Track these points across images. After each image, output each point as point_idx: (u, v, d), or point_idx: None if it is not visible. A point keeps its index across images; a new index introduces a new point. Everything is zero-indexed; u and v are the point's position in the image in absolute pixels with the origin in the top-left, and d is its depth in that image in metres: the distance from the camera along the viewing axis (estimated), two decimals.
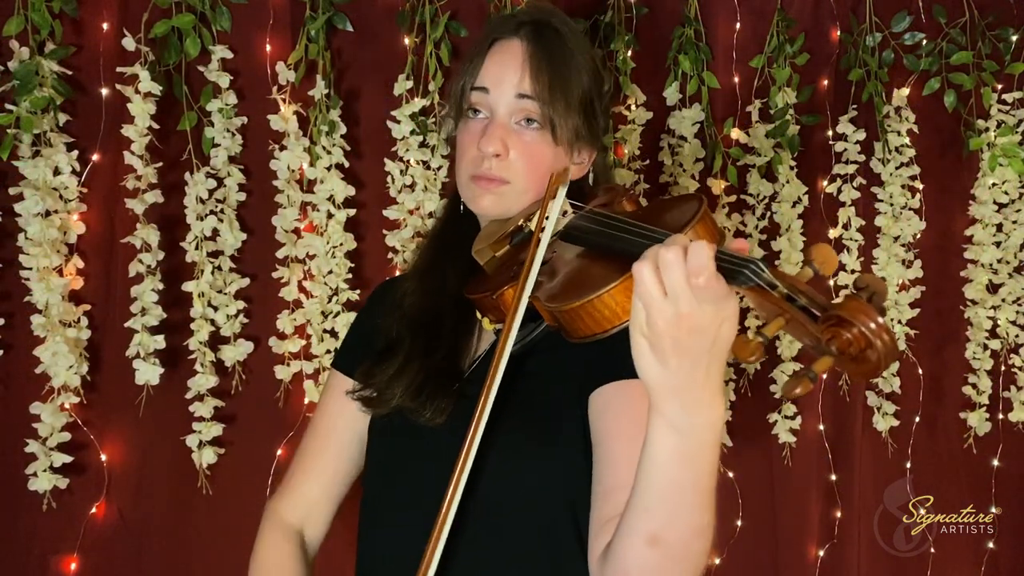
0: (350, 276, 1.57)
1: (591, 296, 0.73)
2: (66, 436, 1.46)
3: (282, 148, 1.54)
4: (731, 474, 1.78)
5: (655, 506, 0.72)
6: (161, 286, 1.50)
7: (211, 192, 1.52)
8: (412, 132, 1.56)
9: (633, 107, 1.68)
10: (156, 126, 1.48)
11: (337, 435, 1.09)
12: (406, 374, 0.97)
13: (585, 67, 1.00)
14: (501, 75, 0.97)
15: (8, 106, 1.41)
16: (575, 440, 0.92)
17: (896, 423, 1.82)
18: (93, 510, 1.52)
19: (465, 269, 1.03)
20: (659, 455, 0.69)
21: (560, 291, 0.79)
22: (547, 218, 0.89)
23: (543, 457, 0.92)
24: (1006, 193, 1.81)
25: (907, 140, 1.77)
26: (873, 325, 0.56)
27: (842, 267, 1.79)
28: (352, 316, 1.54)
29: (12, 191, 1.41)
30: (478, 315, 0.96)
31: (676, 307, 0.62)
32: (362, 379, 1.03)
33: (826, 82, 1.77)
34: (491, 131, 0.96)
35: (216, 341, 1.54)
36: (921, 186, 1.79)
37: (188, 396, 1.52)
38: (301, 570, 1.07)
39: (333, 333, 1.58)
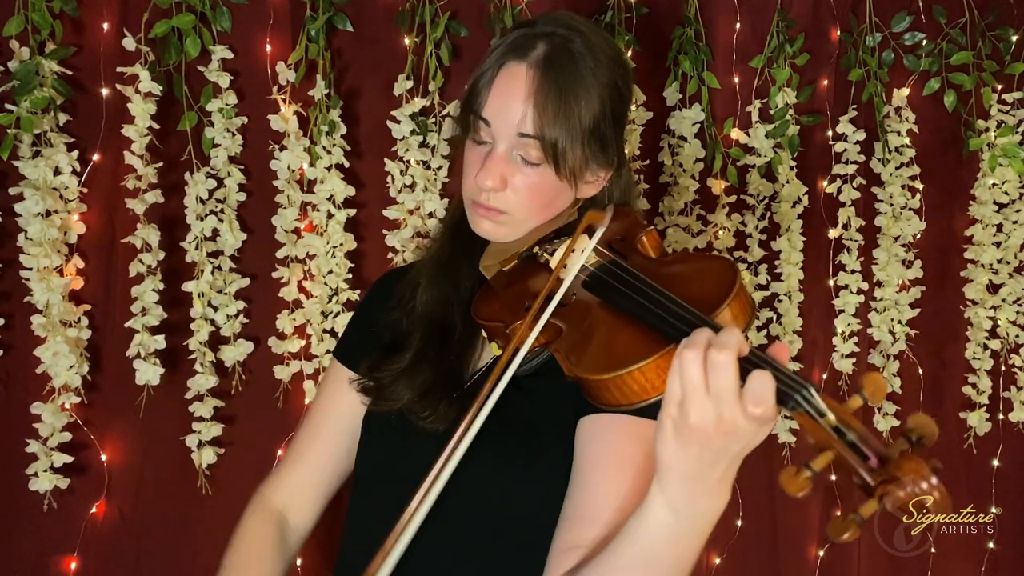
0: (350, 276, 1.57)
1: (622, 371, 0.72)
2: (67, 436, 1.46)
3: (282, 148, 1.54)
4: None
5: (632, 568, 0.73)
6: (161, 286, 1.50)
7: (211, 192, 1.52)
8: (412, 132, 1.56)
9: (633, 107, 1.68)
10: (156, 126, 1.48)
11: (330, 424, 1.07)
12: (416, 375, 0.96)
13: (599, 89, 0.92)
14: (504, 110, 0.91)
15: (8, 106, 1.41)
16: (560, 464, 0.91)
17: (896, 423, 1.82)
18: (93, 510, 1.52)
19: (478, 274, 1.02)
20: (650, 527, 0.70)
21: (587, 356, 0.77)
22: (567, 264, 0.87)
23: (528, 478, 0.91)
24: (1006, 193, 1.81)
25: (907, 140, 1.77)
26: (925, 485, 0.57)
27: (842, 267, 1.79)
28: (350, 316, 1.54)
29: (12, 191, 1.41)
30: (483, 333, 0.96)
31: (718, 409, 0.62)
32: (367, 372, 1.01)
33: (826, 82, 1.77)
34: (489, 165, 0.92)
35: (216, 341, 1.54)
36: (921, 186, 1.79)
37: (188, 396, 1.52)
38: (277, 555, 1.05)
39: (333, 333, 1.58)
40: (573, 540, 0.84)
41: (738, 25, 1.72)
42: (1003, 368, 1.86)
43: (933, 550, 1.87)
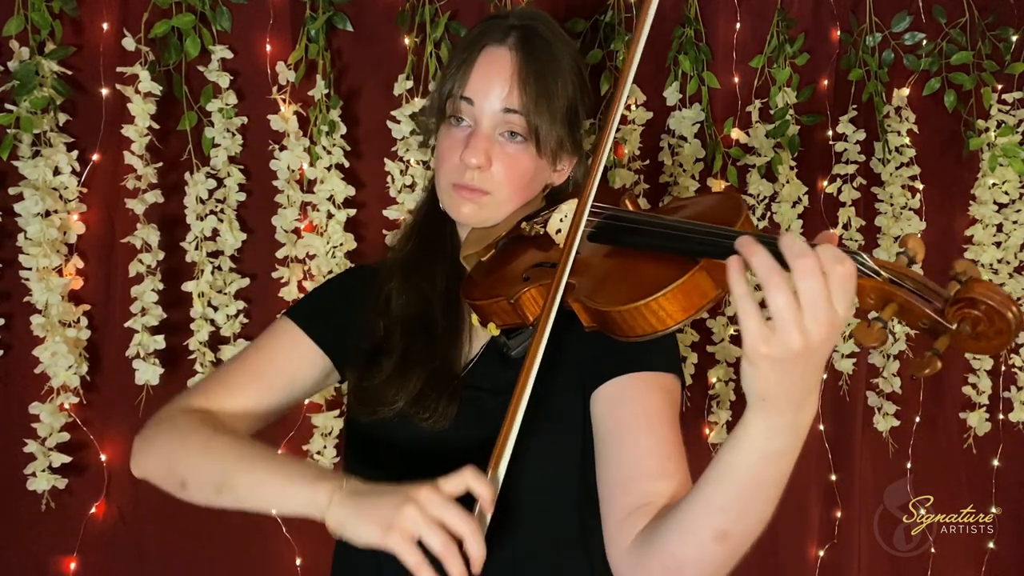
0: None
1: (653, 296, 0.72)
2: (65, 436, 1.47)
3: (282, 148, 1.54)
4: None
5: (732, 504, 0.71)
6: (161, 286, 1.50)
7: (211, 192, 1.52)
8: (412, 132, 1.56)
9: (633, 107, 1.68)
10: (156, 126, 1.48)
11: (273, 373, 1.02)
12: (407, 378, 0.95)
13: (571, 75, 0.99)
14: (488, 87, 0.95)
15: (8, 106, 1.41)
16: (576, 437, 0.92)
17: (896, 423, 1.82)
18: (93, 510, 1.52)
19: (451, 269, 1.03)
20: (749, 456, 0.69)
21: (614, 293, 0.78)
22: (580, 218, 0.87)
23: (549, 456, 0.92)
24: (1006, 193, 1.81)
25: (907, 140, 1.77)
26: (999, 297, 0.60)
27: None
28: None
29: (12, 191, 1.41)
30: (474, 319, 0.95)
31: (815, 318, 0.61)
32: (356, 382, 1.00)
33: (826, 82, 1.77)
34: (475, 143, 0.95)
35: (216, 341, 1.54)
36: (921, 186, 1.79)
37: None
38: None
39: None
40: (635, 501, 0.83)
41: (738, 25, 1.72)
42: (1003, 368, 1.86)
43: (933, 550, 1.87)
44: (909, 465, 1.86)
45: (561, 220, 0.93)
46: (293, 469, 0.83)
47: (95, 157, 1.49)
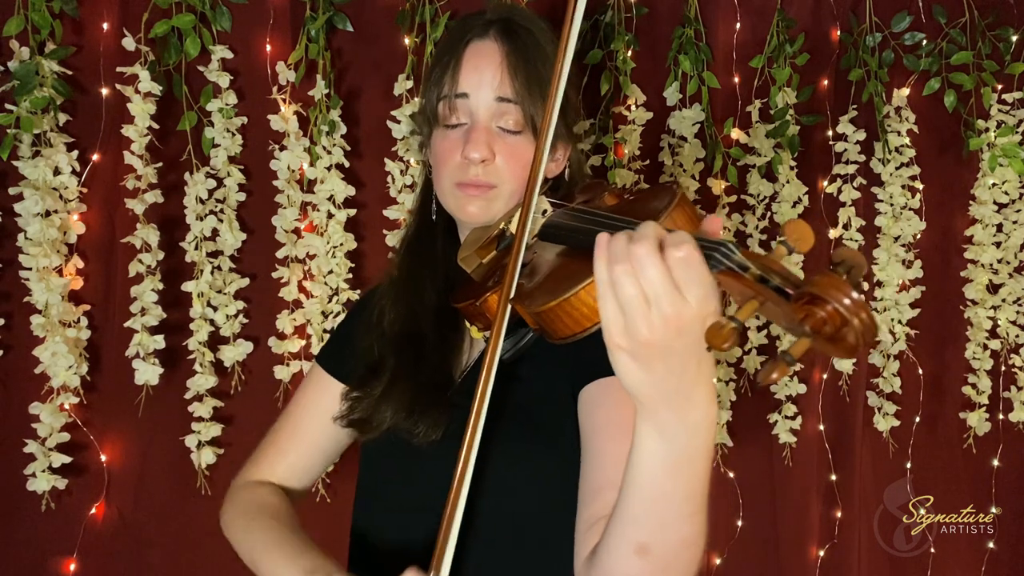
0: (350, 276, 1.57)
1: (566, 295, 0.69)
2: (65, 436, 1.46)
3: (282, 148, 1.54)
4: (731, 474, 1.78)
5: (643, 516, 0.68)
6: (161, 286, 1.50)
7: (211, 192, 1.52)
8: (412, 132, 1.56)
9: (633, 107, 1.68)
10: (156, 126, 1.48)
11: (310, 428, 1.09)
12: (394, 394, 0.95)
13: (553, 57, 0.97)
14: (479, 78, 0.95)
15: (8, 106, 1.41)
16: (571, 441, 0.90)
17: (896, 423, 1.82)
18: (92, 510, 1.52)
19: (443, 279, 1.02)
20: (647, 463, 0.65)
21: (537, 292, 0.75)
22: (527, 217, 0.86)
23: (543, 464, 0.91)
24: (1006, 193, 1.81)
25: (907, 140, 1.77)
26: (848, 301, 0.51)
27: None
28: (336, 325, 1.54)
29: (12, 191, 1.41)
30: (466, 324, 0.94)
31: (659, 309, 0.57)
32: (349, 403, 1.01)
33: (826, 82, 1.77)
34: (475, 137, 0.94)
35: (216, 341, 1.54)
36: (921, 186, 1.79)
37: (187, 396, 1.52)
38: (289, 505, 1.06)
39: None
40: (596, 513, 0.80)
41: (738, 25, 1.72)
42: (1003, 368, 1.86)
43: (933, 550, 1.87)
44: (909, 465, 1.86)
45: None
46: (295, 563, 0.92)
47: (95, 157, 1.49)
